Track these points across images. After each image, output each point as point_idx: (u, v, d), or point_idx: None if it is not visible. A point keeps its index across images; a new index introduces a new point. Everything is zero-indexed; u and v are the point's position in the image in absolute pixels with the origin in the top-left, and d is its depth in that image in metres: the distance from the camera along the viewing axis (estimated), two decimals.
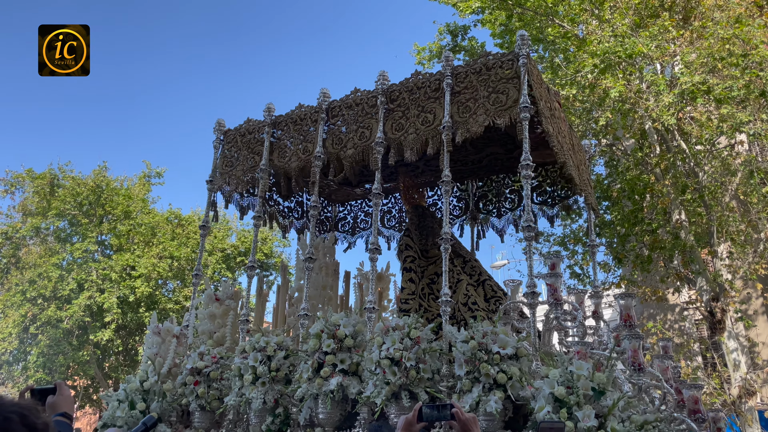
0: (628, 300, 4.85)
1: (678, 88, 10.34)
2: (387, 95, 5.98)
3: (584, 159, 7.00)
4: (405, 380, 4.59)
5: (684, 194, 10.98)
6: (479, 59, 5.67)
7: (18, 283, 21.20)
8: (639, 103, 10.73)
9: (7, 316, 21.39)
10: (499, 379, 4.29)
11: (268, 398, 5.25)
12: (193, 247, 20.73)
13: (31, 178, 21.97)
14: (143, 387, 5.85)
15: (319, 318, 5.28)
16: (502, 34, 13.36)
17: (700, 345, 12.75)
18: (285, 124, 6.67)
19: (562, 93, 10.92)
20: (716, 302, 11.10)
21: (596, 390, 3.98)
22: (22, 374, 21.48)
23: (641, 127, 11.71)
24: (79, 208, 21.40)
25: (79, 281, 20.28)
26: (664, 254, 11.46)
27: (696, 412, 4.74)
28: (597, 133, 12.19)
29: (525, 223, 5.08)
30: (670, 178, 11.17)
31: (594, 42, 10.77)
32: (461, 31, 14.39)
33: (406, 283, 6.33)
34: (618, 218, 12.17)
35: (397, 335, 4.70)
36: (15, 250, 22.47)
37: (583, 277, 13.27)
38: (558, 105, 6.26)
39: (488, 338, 4.44)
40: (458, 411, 2.46)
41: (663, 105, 10.16)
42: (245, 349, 5.52)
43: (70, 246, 21.31)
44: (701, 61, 10.38)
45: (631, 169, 11.69)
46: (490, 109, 5.36)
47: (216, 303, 6.74)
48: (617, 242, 12.36)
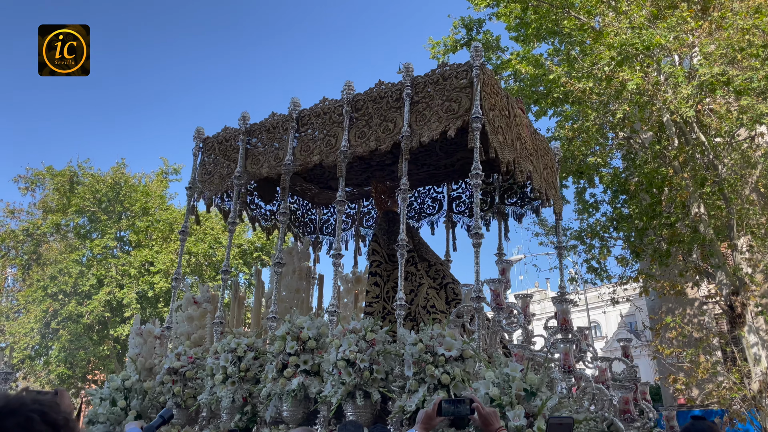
0: (565, 305, 5.08)
1: (697, 79, 10.20)
2: (352, 105, 6.22)
3: (552, 163, 7.22)
4: (359, 380, 4.82)
5: (703, 187, 10.84)
6: (437, 70, 5.87)
7: (39, 279, 21.51)
8: (657, 96, 10.60)
9: (29, 312, 21.74)
10: (443, 380, 4.51)
11: (237, 397, 5.54)
12: (210, 243, 20.89)
13: (51, 176, 22.25)
14: (125, 385, 6.20)
15: (286, 321, 5.53)
16: (518, 27, 13.25)
17: (720, 339, 12.60)
18: (259, 132, 6.93)
19: (578, 86, 10.83)
20: (736, 296, 10.97)
21: (528, 391, 4.18)
22: (44, 368, 21.81)
23: (659, 120, 11.57)
24: (98, 205, 21.64)
25: (98, 277, 20.53)
26: (683, 248, 11.34)
27: (626, 412, 5.00)
28: (614, 126, 12.07)
29: (474, 230, 5.32)
30: (688, 171, 11.04)
31: (611, 34, 10.65)
32: (476, 24, 14.29)
33: (371, 286, 6.53)
34: (636, 212, 12.05)
35: (353, 338, 4.94)
36: (36, 246, 22.81)
37: (601, 271, 13.18)
38: (520, 111, 6.49)
39: (435, 341, 4.67)
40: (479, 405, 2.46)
41: (681, 97, 10.03)
42: (217, 350, 5.82)
43: (90, 242, 21.56)
44: (720, 52, 10.23)
45: (649, 162, 11.57)
46: (443, 116, 5.61)
47: (194, 306, 7.10)
48: (635, 236, 12.25)
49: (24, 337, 21.10)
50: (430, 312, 6.15)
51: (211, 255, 21.23)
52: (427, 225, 8.14)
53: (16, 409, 1.29)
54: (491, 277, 5.34)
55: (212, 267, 21.13)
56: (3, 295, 24.29)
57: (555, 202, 7.02)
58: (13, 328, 21.74)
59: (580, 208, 13.75)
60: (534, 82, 12.91)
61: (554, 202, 7.00)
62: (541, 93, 12.96)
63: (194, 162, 7.44)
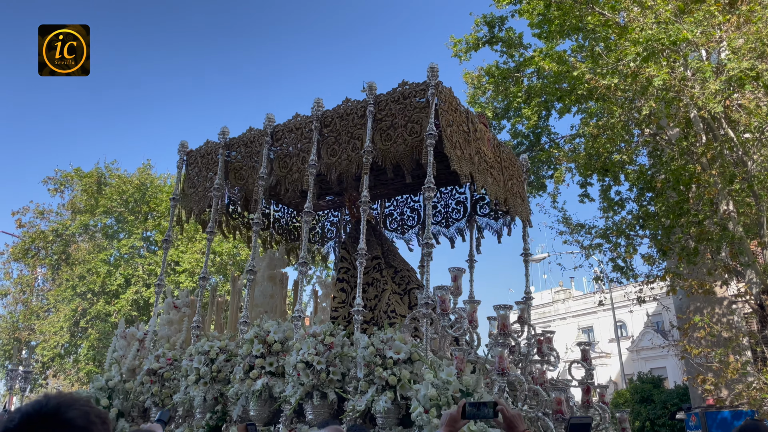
0: (505, 311, 5.49)
1: (725, 74, 10.02)
2: (321, 121, 6.52)
3: (518, 173, 7.55)
4: (317, 381, 5.16)
5: (732, 184, 10.64)
6: (398, 89, 6.17)
7: (68, 279, 21.92)
8: (684, 91, 10.43)
9: (59, 311, 22.16)
10: (390, 381, 4.85)
11: (209, 396, 5.93)
12: (234, 243, 21.09)
13: (79, 177, 22.67)
14: (108, 385, 6.60)
15: (254, 325, 5.92)
16: (540, 24, 13.15)
17: (750, 339, 12.36)
18: (237, 146, 7.28)
19: (603, 82, 10.71)
20: (766, 295, 10.76)
21: (464, 391, 4.52)
22: (73, 366, 22.22)
23: (686, 116, 11.39)
24: (125, 206, 21.98)
25: (126, 276, 20.87)
26: (712, 246, 11.14)
27: (558, 412, 5.37)
28: (640, 123, 11.91)
29: (424, 240, 5.68)
30: (717, 168, 10.84)
31: (636, 29, 10.50)
32: (498, 22, 14.21)
33: (337, 292, 6.82)
34: (662, 209, 11.88)
35: (312, 341, 5.27)
36: (65, 246, 23.24)
37: (627, 270, 13.02)
38: (483, 126, 6.76)
39: (386, 345, 4.99)
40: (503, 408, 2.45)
41: (709, 92, 9.86)
42: (191, 352, 6.22)
43: (117, 242, 21.92)
44: (749, 46, 10.03)
45: (676, 159, 11.39)
46: (408, 139, 5.96)
47: (174, 310, 7.55)
48: (662, 234, 12.08)
49: (54, 336, 21.52)
50: (391, 317, 6.40)
51: (235, 254, 21.44)
52: (415, 236, 8.37)
53: (72, 404, 1.40)
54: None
55: (236, 266, 21.34)
56: (33, 295, 24.81)
57: (521, 211, 7.35)
58: (44, 327, 22.19)
59: (605, 206, 13.61)
60: (558, 79, 12.81)
61: (520, 211, 7.33)
62: (564, 90, 12.85)
63: (178, 173, 7.84)
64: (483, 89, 14.83)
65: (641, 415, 19.47)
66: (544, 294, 42.19)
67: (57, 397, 1.40)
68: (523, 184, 7.70)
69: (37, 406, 1.36)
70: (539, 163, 14.56)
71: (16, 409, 1.40)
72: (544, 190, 15.00)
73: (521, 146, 14.82)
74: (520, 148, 14.78)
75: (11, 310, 24.42)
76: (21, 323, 23.67)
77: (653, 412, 19.28)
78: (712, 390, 11.74)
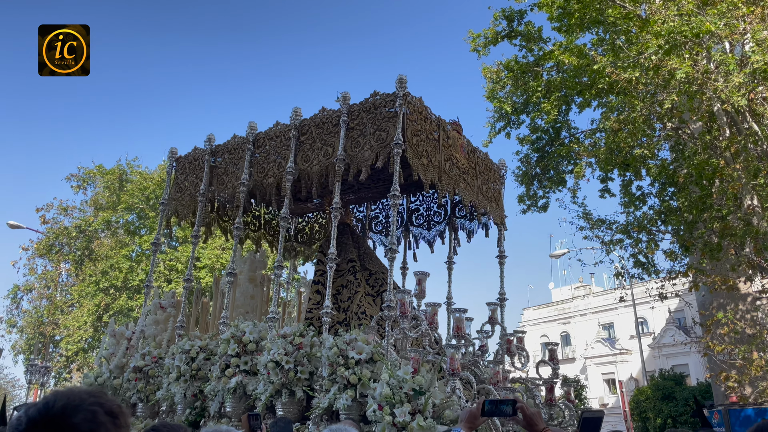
0: (461, 314, 5.64)
1: (749, 67, 9.84)
2: (299, 129, 6.78)
3: (495, 177, 7.77)
4: (285, 380, 5.40)
5: (756, 178, 10.46)
6: (370, 99, 6.38)
7: (92, 274, 22.26)
8: (707, 85, 10.27)
9: (82, 306, 22.51)
10: (351, 380, 5.08)
11: (188, 393, 6.20)
12: None
13: (101, 174, 22.99)
14: (97, 382, 6.93)
15: (232, 325, 6.18)
16: (560, 17, 13.01)
17: None
18: (222, 153, 7.56)
19: (624, 76, 10.58)
20: None
21: (416, 390, 4.74)
22: (97, 361, 22.56)
23: (709, 109, 11.21)
24: (147, 202, 22.24)
25: (147, 272, 21.10)
26: (735, 241, 10.97)
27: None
28: (662, 117, 11.76)
29: (388, 245, 5.88)
30: (741, 162, 10.66)
31: (658, 22, 10.36)
32: (517, 15, 14.10)
33: (313, 294, 7.05)
34: (685, 204, 11.72)
35: (283, 342, 5.50)
36: (88, 242, 23.59)
37: (648, 266, 12.87)
38: (456, 133, 6.96)
39: (349, 345, 5.21)
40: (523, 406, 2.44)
41: (733, 85, 9.70)
42: (173, 351, 6.50)
43: (139, 238, 22.19)
44: None
45: (699, 153, 11.22)
46: (374, 146, 6.16)
47: (160, 310, 7.83)
48: (684, 229, 11.92)
49: (78, 330, 21.87)
50: (361, 318, 6.64)
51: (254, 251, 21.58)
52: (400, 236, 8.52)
53: (78, 405, 1.34)
54: None
55: None
56: (57, 290, 25.22)
57: (495, 214, 7.59)
58: (68, 322, 22.56)
59: (626, 201, 13.46)
60: (578, 73, 12.68)
61: (495, 214, 7.57)
62: (585, 84, 12.72)
63: (168, 179, 8.13)
64: (502, 84, 14.72)
65: (663, 412, 19.31)
66: (564, 290, 41.87)
67: (65, 398, 1.36)
68: (500, 188, 7.96)
69: (44, 410, 1.33)
70: (559, 158, 14.43)
71: (24, 411, 1.37)
72: (564, 185, 14.86)
73: (541, 141, 14.70)
74: (539, 142, 14.66)
75: (36, 305, 24.87)
76: (45, 318, 24.08)
77: (675, 410, 19.11)
78: (735, 387, 11.59)
